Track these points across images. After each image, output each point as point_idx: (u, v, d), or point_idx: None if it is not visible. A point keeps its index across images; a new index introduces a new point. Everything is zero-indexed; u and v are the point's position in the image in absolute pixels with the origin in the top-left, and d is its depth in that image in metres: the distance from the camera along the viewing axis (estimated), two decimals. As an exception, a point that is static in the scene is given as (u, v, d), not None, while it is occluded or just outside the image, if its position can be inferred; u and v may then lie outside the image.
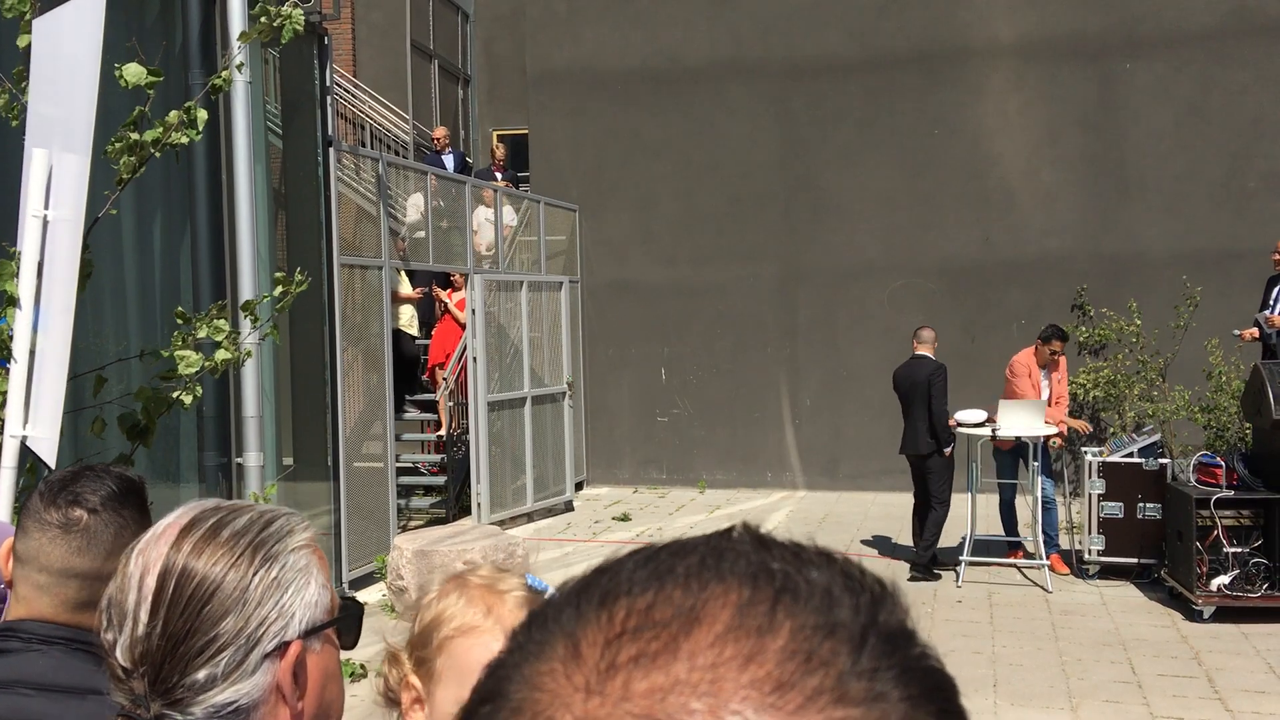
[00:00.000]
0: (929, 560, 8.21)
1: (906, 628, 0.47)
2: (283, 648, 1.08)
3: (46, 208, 2.82)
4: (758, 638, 0.43)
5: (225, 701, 1.05)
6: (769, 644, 0.43)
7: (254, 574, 1.08)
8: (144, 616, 1.06)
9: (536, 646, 0.46)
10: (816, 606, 0.45)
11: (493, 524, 9.62)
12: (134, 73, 3.13)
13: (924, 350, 8.31)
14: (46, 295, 2.79)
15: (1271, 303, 8.66)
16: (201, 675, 1.05)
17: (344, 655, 1.25)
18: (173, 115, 3.22)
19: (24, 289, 2.75)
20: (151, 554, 1.09)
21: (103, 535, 1.56)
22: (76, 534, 1.55)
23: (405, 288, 11.26)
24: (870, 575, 0.48)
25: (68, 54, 2.86)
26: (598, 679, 0.43)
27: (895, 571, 8.37)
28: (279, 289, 3.28)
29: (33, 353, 2.71)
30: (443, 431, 11.12)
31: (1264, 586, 7.00)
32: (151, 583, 1.07)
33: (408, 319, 11.40)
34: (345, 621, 1.18)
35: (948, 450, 8.20)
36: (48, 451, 2.66)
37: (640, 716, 0.42)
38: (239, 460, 6.62)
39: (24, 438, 2.70)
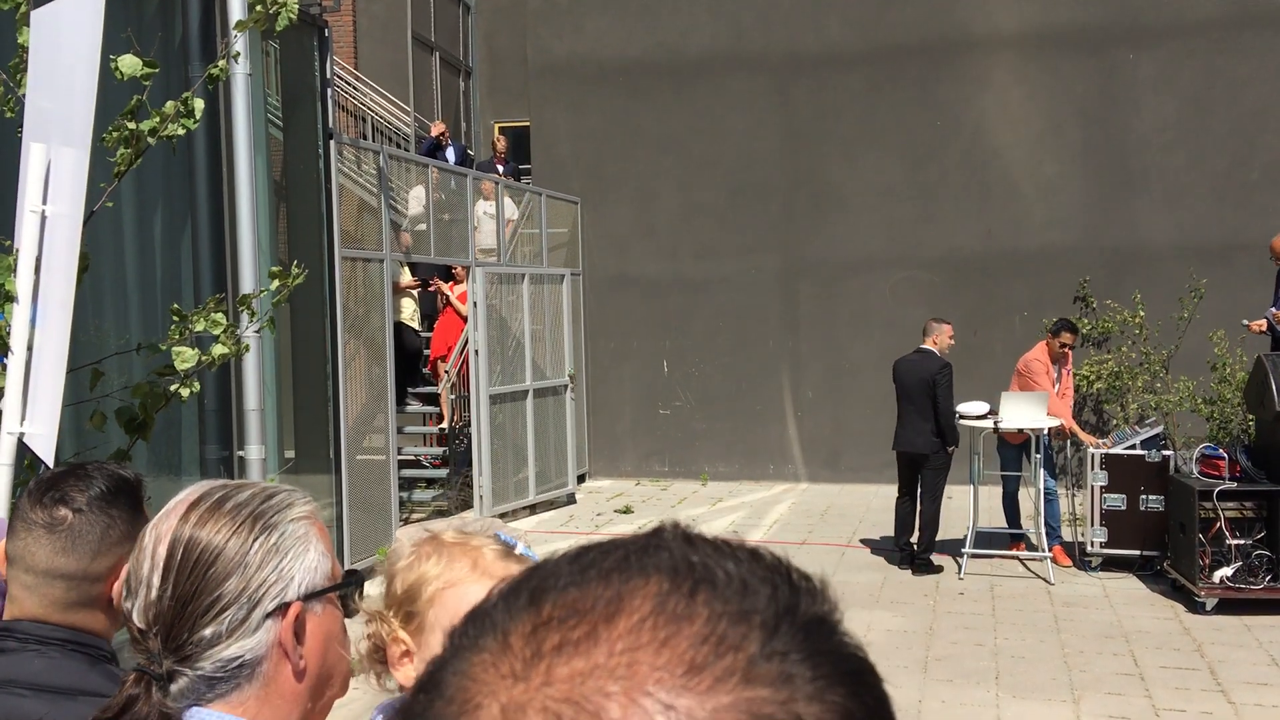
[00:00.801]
0: (925, 552, 8.16)
1: (828, 618, 0.49)
2: (283, 608, 1.17)
3: (44, 203, 2.81)
4: (674, 624, 0.46)
5: (231, 656, 1.15)
6: (684, 629, 0.46)
7: (254, 540, 1.18)
8: (156, 582, 1.16)
9: (470, 641, 0.49)
10: (733, 595, 0.47)
11: (495, 516, 9.62)
12: (129, 64, 3.12)
13: (929, 345, 8.19)
14: (44, 291, 2.78)
15: (1275, 298, 8.61)
16: (208, 632, 1.14)
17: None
18: (169, 106, 3.20)
19: (21, 285, 2.73)
20: (163, 527, 1.19)
21: (88, 535, 1.54)
22: (61, 534, 1.54)
23: (406, 277, 11.24)
24: (797, 570, 0.50)
25: (66, 47, 2.84)
26: (523, 666, 0.46)
27: (893, 565, 8.37)
28: (275, 283, 3.27)
29: (30, 348, 2.70)
30: (445, 424, 11.12)
31: (1266, 578, 7.00)
32: (163, 552, 1.17)
33: (410, 312, 11.40)
34: (345, 587, 1.27)
35: (951, 449, 8.14)
36: (45, 448, 2.65)
37: (561, 700, 0.44)
38: (240, 453, 6.62)
39: (21, 434, 2.70)
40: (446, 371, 11.13)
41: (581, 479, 12.25)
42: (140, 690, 1.13)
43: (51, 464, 2.67)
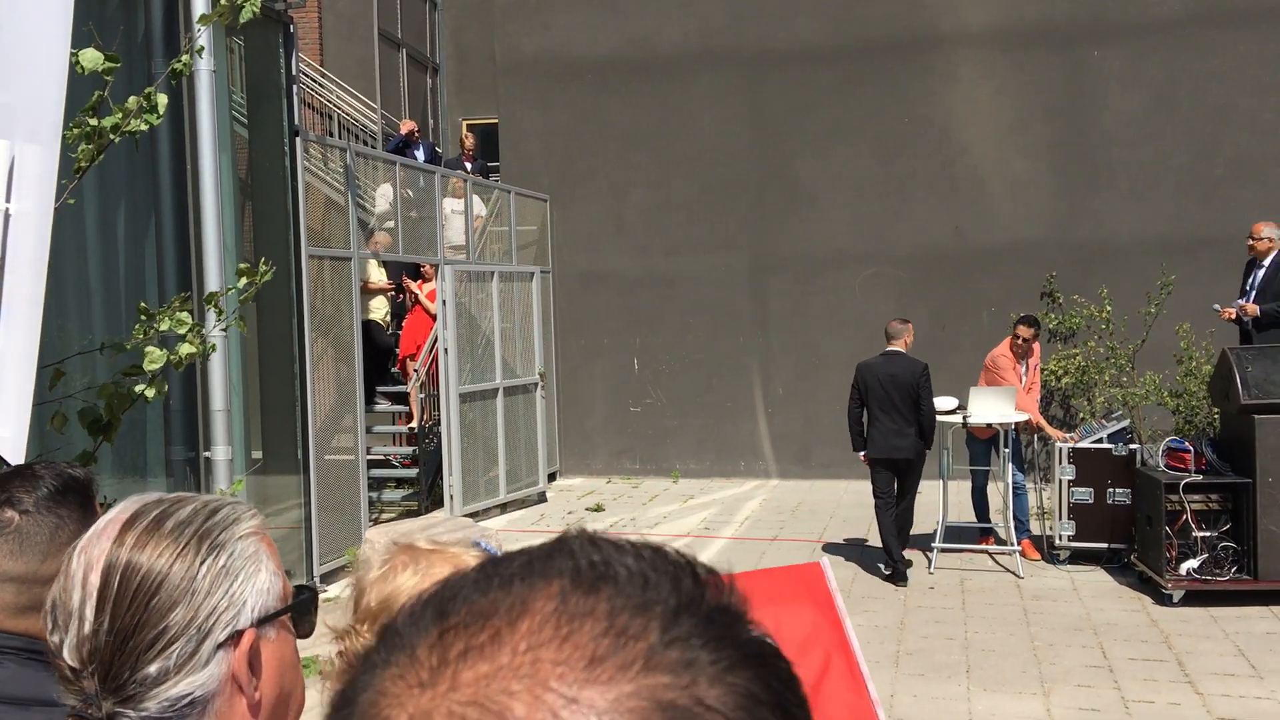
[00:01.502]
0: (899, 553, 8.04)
1: (732, 608, 0.50)
2: (236, 636, 1.07)
3: (8, 200, 2.75)
4: (576, 621, 0.47)
5: (180, 694, 1.04)
6: (585, 625, 0.47)
7: (201, 563, 1.06)
8: (90, 614, 1.04)
9: (382, 659, 0.50)
10: (634, 590, 0.49)
11: (465, 516, 9.57)
12: (90, 59, 3.07)
13: (898, 346, 7.96)
14: (9, 290, 2.72)
15: (1247, 290, 8.65)
16: (153, 669, 1.03)
17: (306, 652, 1.23)
18: (132, 101, 3.15)
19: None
20: (94, 551, 1.07)
21: (36, 536, 1.51)
22: (9, 536, 1.51)
23: (379, 274, 11.15)
24: (703, 566, 0.52)
25: (31, 40, 2.78)
26: (429, 675, 0.47)
27: (864, 559, 8.39)
28: (243, 280, 3.22)
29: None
30: (414, 424, 11.05)
31: (1232, 570, 7.07)
32: (95, 580, 1.05)
33: (382, 313, 11.31)
34: (299, 608, 1.16)
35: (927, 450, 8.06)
36: (13, 451, 2.60)
37: (466, 703, 0.45)
38: (207, 454, 6.55)
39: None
40: (416, 370, 11.06)
41: (552, 477, 12.22)
42: None
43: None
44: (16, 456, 2.65)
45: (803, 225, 12.11)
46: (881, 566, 8.10)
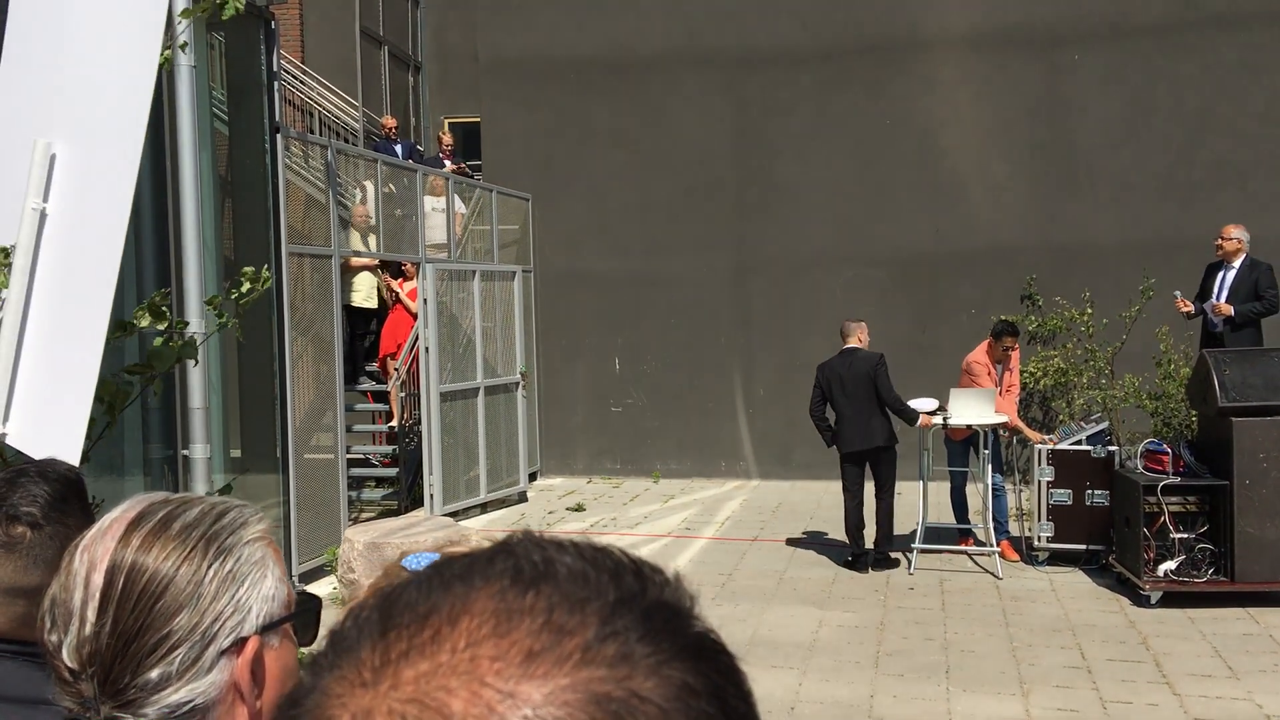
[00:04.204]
0: (883, 546, 8.23)
1: (674, 603, 0.51)
2: (239, 644, 1.05)
3: (45, 200, 2.67)
4: (514, 618, 0.48)
5: (180, 701, 1.02)
6: (523, 622, 0.48)
7: (208, 567, 1.05)
8: (91, 615, 1.02)
9: (329, 661, 0.51)
10: (573, 587, 0.50)
11: (445, 515, 9.54)
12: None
13: (853, 343, 8.30)
14: (56, 291, 2.64)
15: (1216, 290, 8.73)
16: (155, 674, 1.01)
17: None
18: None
19: (15, 283, 2.61)
20: (97, 550, 1.05)
21: (48, 550, 1.50)
22: (21, 552, 1.49)
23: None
24: (648, 564, 0.53)
25: (77, 39, 2.70)
26: (372, 674, 0.48)
27: (844, 560, 8.40)
28: (246, 285, 3.19)
29: (19, 347, 2.59)
30: (394, 423, 11.01)
31: (1209, 572, 7.11)
32: (99, 580, 1.03)
33: (363, 293, 11.22)
34: (303, 616, 1.15)
35: (922, 420, 8.18)
36: (53, 449, 2.50)
37: (406, 700, 0.46)
38: (185, 453, 6.50)
39: (3, 435, 2.60)
40: (396, 369, 11.02)
41: (533, 477, 12.20)
42: None
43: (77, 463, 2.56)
44: (72, 455, 2.59)
45: (784, 226, 12.13)
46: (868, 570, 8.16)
